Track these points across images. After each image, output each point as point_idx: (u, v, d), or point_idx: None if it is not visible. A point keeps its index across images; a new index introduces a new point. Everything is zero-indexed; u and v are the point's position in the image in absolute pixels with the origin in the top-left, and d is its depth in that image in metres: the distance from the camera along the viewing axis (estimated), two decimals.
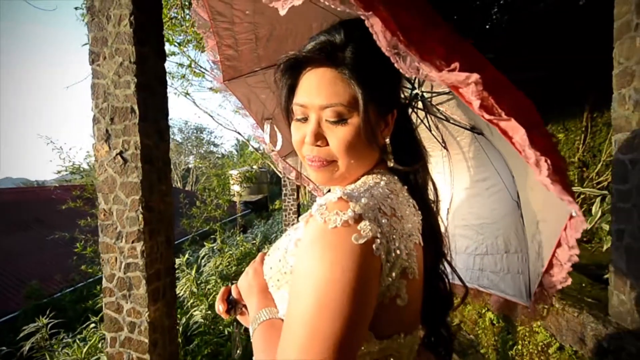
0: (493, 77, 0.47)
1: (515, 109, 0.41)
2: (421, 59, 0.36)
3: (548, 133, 0.47)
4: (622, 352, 1.32)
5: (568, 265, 0.57)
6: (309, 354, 0.42)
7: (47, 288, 5.08)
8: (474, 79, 0.35)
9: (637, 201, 1.33)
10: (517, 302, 0.73)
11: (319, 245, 0.44)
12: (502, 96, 0.41)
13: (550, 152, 0.41)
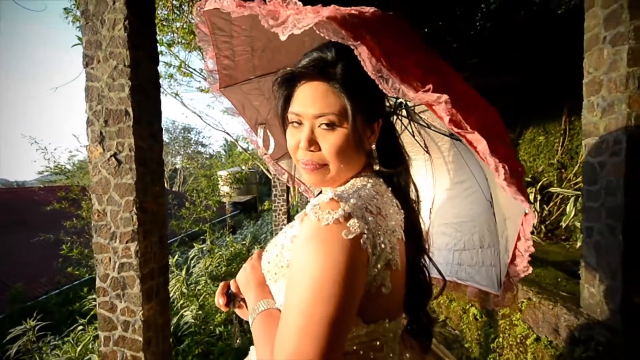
0: (464, 95, 0.54)
1: (481, 123, 0.48)
2: (401, 81, 0.43)
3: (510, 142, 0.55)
4: (592, 341, 1.42)
5: (527, 255, 0.64)
6: (306, 335, 0.48)
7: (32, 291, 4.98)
8: (444, 99, 0.42)
9: (605, 201, 1.44)
10: (489, 292, 0.81)
11: (314, 241, 0.50)
12: (470, 112, 0.48)
13: (510, 159, 0.48)
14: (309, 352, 0.47)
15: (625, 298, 1.35)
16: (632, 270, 1.35)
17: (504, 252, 0.71)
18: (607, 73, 1.40)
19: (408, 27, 0.60)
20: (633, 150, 1.32)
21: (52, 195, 8.10)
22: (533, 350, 1.80)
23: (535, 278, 2.16)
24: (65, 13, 6.26)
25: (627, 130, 1.32)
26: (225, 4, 0.59)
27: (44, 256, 5.70)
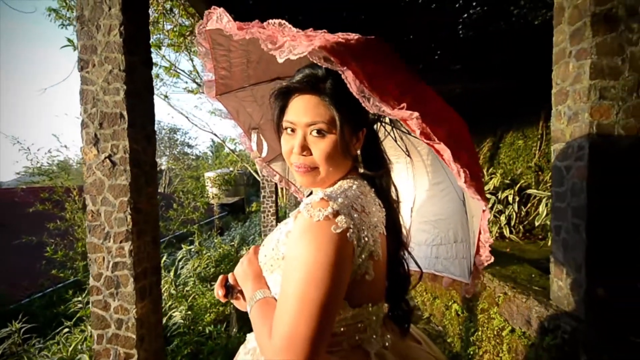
0: (435, 109, 0.64)
1: (448, 134, 0.58)
2: (380, 100, 0.51)
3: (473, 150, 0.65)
4: (559, 330, 1.55)
5: (487, 246, 0.74)
6: (300, 316, 0.56)
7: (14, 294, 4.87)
8: (415, 115, 0.51)
9: (571, 201, 1.57)
10: (462, 281, 0.91)
11: (307, 235, 0.59)
12: (439, 124, 0.57)
13: (471, 164, 0.57)
14: (302, 331, 0.55)
15: (588, 290, 1.48)
16: (594, 265, 1.48)
17: (472, 245, 0.81)
18: (572, 85, 1.54)
19: (389, 49, 0.69)
20: (594, 155, 1.45)
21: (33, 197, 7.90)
22: (508, 341, 1.92)
23: (511, 274, 2.30)
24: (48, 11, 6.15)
25: (589, 137, 1.45)
26: (227, 27, 0.67)
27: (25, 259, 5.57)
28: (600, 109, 1.44)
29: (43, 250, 5.01)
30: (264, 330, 0.64)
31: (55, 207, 5.33)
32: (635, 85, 1.44)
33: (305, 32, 0.62)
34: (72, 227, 5.34)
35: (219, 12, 0.71)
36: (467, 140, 0.66)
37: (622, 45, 1.43)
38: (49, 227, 5.03)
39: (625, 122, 1.44)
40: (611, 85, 1.44)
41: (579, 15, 1.49)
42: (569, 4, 1.55)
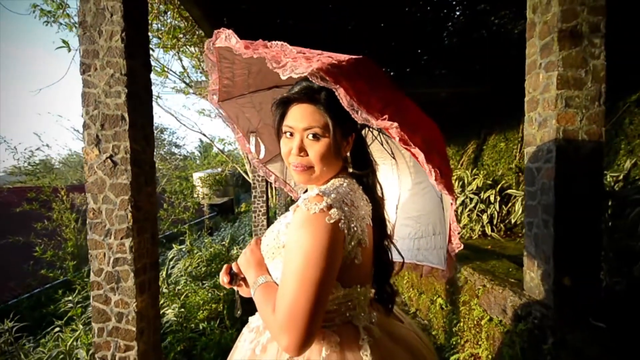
0: (413, 119, 0.76)
1: (423, 140, 0.69)
2: (367, 112, 0.63)
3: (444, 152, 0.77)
4: (530, 316, 1.69)
5: (457, 234, 0.87)
6: (300, 293, 0.67)
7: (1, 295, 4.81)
8: (395, 125, 0.62)
9: (541, 199, 1.73)
10: (439, 268, 1.04)
11: (305, 224, 0.70)
12: (416, 132, 0.69)
13: (442, 165, 0.69)
14: (302, 305, 0.66)
15: (556, 280, 1.63)
16: (561, 257, 1.63)
17: (446, 235, 0.93)
18: (542, 94, 1.69)
19: (375, 67, 0.80)
20: (560, 158, 1.61)
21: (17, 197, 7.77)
22: (487, 329, 2.07)
23: (490, 269, 2.45)
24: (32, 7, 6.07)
25: (556, 141, 1.61)
26: (236, 46, 0.77)
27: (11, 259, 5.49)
28: (566, 116, 1.60)
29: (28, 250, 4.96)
30: (268, 308, 0.74)
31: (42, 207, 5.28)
32: (597, 95, 1.60)
33: (304, 52, 0.73)
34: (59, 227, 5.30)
35: (228, 32, 0.81)
36: (440, 145, 0.79)
37: (586, 59, 1.59)
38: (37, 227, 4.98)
39: (588, 128, 1.60)
40: (576, 95, 1.59)
41: (548, 30, 1.65)
42: (539, 20, 1.70)
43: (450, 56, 4.53)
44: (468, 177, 4.27)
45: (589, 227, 1.63)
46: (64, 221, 5.07)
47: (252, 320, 0.95)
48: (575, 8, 1.58)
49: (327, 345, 0.75)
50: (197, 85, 5.37)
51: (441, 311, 3.01)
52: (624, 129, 3.25)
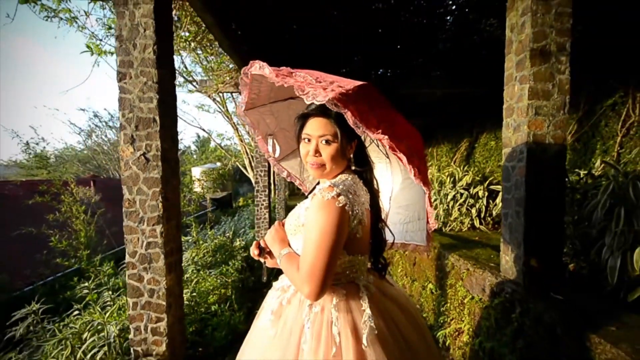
0: (400, 131, 1.02)
1: (406, 147, 0.96)
2: (366, 128, 0.90)
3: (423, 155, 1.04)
4: (503, 292, 1.98)
5: (432, 216, 1.15)
6: (317, 256, 0.94)
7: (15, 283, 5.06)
8: (386, 138, 0.89)
9: (514, 193, 2.01)
10: (422, 245, 1.32)
11: (321, 208, 0.97)
12: (402, 141, 0.96)
13: (420, 165, 0.97)
14: (319, 265, 0.94)
15: (525, 262, 1.92)
16: (530, 242, 1.92)
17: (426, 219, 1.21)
18: (517, 102, 1.96)
19: (375, 90, 1.07)
20: (531, 158, 1.88)
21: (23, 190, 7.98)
22: (469, 306, 2.37)
23: (474, 255, 2.74)
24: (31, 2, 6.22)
25: (527, 144, 1.88)
26: (269, 75, 1.04)
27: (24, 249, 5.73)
28: (536, 123, 1.87)
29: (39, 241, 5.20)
30: (293, 268, 1.02)
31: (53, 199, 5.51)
32: (562, 104, 1.88)
33: (320, 81, 0.99)
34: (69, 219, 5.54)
35: (262, 63, 1.08)
36: (420, 150, 1.06)
37: (553, 74, 1.87)
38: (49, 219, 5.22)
39: (554, 133, 1.88)
40: (544, 105, 1.87)
41: (522, 48, 1.92)
42: (515, 39, 1.97)
43: (444, 59, 4.80)
44: (459, 173, 4.56)
45: (554, 217, 1.91)
46: (73, 213, 5.31)
47: (275, 284, 1.22)
48: (545, 30, 1.85)
49: (336, 296, 1.03)
50: (202, 84, 5.60)
51: (431, 295, 3.31)
52: (600, 130, 3.53)
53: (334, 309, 1.01)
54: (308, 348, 0.96)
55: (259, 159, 5.68)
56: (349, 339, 0.96)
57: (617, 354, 1.21)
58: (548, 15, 1.84)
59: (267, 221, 5.74)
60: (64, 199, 5.58)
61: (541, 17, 1.84)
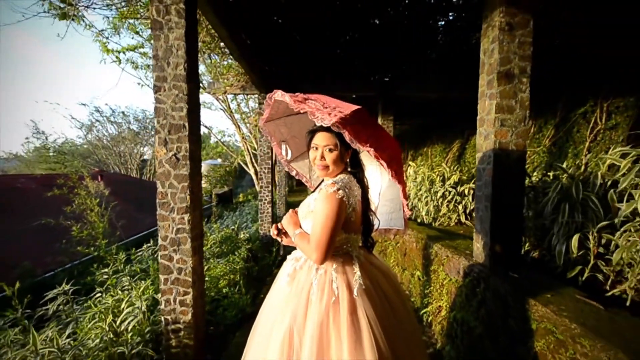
0: (384, 143, 1.41)
1: (388, 155, 1.36)
2: (358, 143, 1.29)
3: (400, 162, 1.44)
4: (472, 273, 2.39)
5: (406, 207, 1.54)
6: (322, 233, 1.34)
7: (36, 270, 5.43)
8: (372, 150, 1.29)
9: (484, 191, 2.40)
10: (401, 229, 1.72)
11: (325, 198, 1.37)
12: (384, 151, 1.35)
13: (398, 169, 1.36)
14: (323, 239, 1.33)
15: (491, 247, 2.32)
16: (495, 232, 2.32)
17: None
18: (487, 115, 2.35)
19: (367, 113, 1.46)
20: (497, 161, 2.28)
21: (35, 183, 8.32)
22: (447, 287, 2.77)
23: (455, 245, 3.14)
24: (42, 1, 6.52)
25: (494, 150, 2.28)
26: (289, 102, 1.42)
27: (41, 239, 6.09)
28: (501, 132, 2.27)
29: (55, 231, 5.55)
30: (304, 242, 1.41)
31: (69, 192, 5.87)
32: (522, 118, 2.27)
33: (326, 107, 1.38)
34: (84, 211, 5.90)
35: (282, 92, 1.46)
36: (398, 157, 1.46)
37: (516, 92, 2.26)
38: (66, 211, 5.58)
39: (516, 141, 2.28)
40: (508, 118, 2.26)
41: (491, 70, 2.31)
42: (487, 61, 2.36)
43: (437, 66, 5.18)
44: (447, 172, 4.95)
45: (515, 211, 2.31)
46: (88, 205, 5.67)
47: (289, 257, 1.62)
48: (509, 56, 2.24)
49: (335, 263, 1.42)
50: (211, 86, 5.96)
51: (418, 281, 3.72)
52: (573, 136, 3.94)
53: (334, 271, 1.41)
54: (315, 298, 1.36)
55: (263, 157, 6.06)
56: (344, 292, 1.36)
57: (545, 312, 1.62)
58: (512, 43, 2.23)
59: (270, 215, 6.13)
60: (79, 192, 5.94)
61: (507, 45, 2.23)
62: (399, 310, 1.49)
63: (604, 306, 1.61)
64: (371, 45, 4.48)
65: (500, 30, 2.22)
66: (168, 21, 2.29)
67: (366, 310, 1.35)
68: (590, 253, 1.92)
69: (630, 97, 3.44)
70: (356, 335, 1.29)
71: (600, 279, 1.91)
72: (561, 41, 4.42)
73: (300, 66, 5.29)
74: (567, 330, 1.46)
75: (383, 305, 1.41)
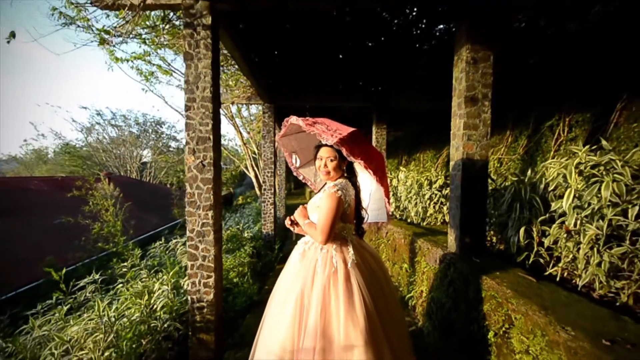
0: (371, 155, 1.93)
1: (374, 165, 1.87)
2: (353, 157, 1.81)
3: (384, 170, 1.96)
4: (446, 259, 2.91)
5: (388, 203, 2.07)
6: (326, 221, 1.88)
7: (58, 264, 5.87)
8: (362, 162, 1.81)
9: (455, 193, 2.93)
10: (385, 222, 2.24)
11: (328, 197, 1.90)
12: (371, 162, 1.87)
13: (382, 176, 1.88)
14: (326, 225, 1.86)
15: (461, 239, 2.85)
16: (464, 226, 2.84)
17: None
18: (457, 131, 2.89)
19: (360, 133, 1.98)
20: (464, 169, 2.81)
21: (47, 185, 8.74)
22: (427, 274, 3.29)
23: (436, 240, 3.66)
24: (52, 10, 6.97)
25: (462, 159, 2.81)
26: (302, 125, 1.94)
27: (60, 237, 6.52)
28: (468, 145, 2.80)
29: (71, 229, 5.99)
30: (312, 229, 1.93)
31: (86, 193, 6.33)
32: (485, 134, 2.81)
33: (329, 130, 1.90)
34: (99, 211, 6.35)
35: (295, 117, 1.98)
36: (382, 167, 1.98)
37: (479, 113, 2.79)
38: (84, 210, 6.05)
39: (480, 153, 2.81)
40: (473, 134, 2.80)
41: (460, 94, 2.84)
42: (457, 87, 2.90)
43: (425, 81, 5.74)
44: (434, 177, 5.49)
45: (479, 209, 2.84)
46: (103, 205, 6.14)
47: (299, 242, 2.13)
48: (474, 84, 2.78)
49: (335, 244, 1.94)
50: None
51: (405, 273, 4.24)
52: (541, 145, 4.49)
53: (334, 250, 1.92)
54: (320, 269, 1.87)
55: (266, 162, 6.57)
56: (341, 265, 1.87)
57: (492, 284, 2.14)
58: (476, 74, 2.77)
59: (272, 215, 6.62)
60: (93, 194, 6.41)
61: (472, 75, 2.77)
62: (381, 281, 2.01)
63: (537, 280, 2.13)
64: (366, 62, 5.03)
65: (467, 63, 2.76)
66: (197, 53, 2.81)
67: (357, 278, 1.86)
68: (534, 241, 2.45)
69: (586, 113, 4.01)
70: (349, 295, 1.80)
71: (542, 262, 2.44)
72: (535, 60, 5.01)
73: (301, 80, 5.82)
74: (504, 295, 1.98)
75: (370, 275, 1.92)
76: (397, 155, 12.43)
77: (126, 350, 2.40)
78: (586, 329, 1.46)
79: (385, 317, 1.89)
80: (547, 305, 1.73)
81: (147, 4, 2.78)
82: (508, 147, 5.32)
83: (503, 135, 5.59)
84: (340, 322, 1.74)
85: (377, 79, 5.92)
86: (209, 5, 2.78)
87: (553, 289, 1.99)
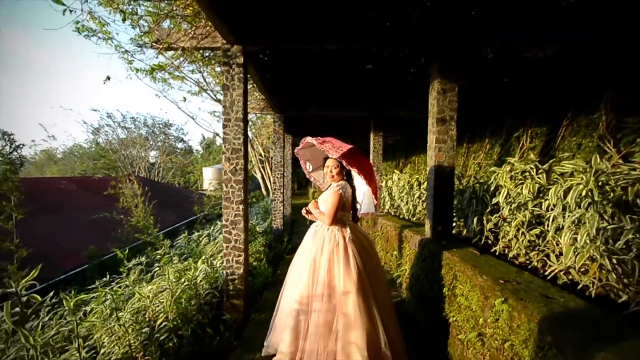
0: (363, 165, 2.79)
1: (365, 172, 2.74)
2: (350, 167, 2.68)
3: (373, 175, 2.82)
4: (422, 243, 3.77)
5: (375, 198, 2.95)
6: (331, 210, 2.77)
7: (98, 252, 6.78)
8: (357, 169, 2.68)
9: (430, 192, 3.79)
10: (374, 212, 3.10)
11: (333, 193, 2.79)
12: (362, 169, 2.74)
13: (371, 179, 2.75)
14: (332, 213, 2.77)
15: (434, 228, 3.71)
16: (436, 218, 3.71)
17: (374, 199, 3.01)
18: (431, 144, 3.76)
19: (357, 149, 2.86)
20: (436, 174, 3.67)
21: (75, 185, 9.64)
22: (410, 256, 4.16)
23: (419, 230, 4.52)
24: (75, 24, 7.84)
25: (435, 166, 3.68)
26: (316, 144, 2.81)
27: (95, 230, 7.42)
28: (439, 155, 3.67)
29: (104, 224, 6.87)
30: (322, 215, 2.82)
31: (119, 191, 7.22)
32: (452, 147, 3.67)
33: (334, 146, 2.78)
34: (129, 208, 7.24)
35: (310, 137, 2.86)
36: (371, 173, 2.86)
37: (447, 130, 3.66)
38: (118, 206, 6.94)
39: (448, 161, 3.67)
40: (443, 146, 3.66)
41: (433, 116, 3.71)
42: (431, 110, 3.77)
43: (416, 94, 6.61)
44: (422, 178, 6.36)
45: (447, 204, 3.70)
46: (134, 202, 7.03)
47: (312, 225, 3.01)
48: (443, 108, 3.64)
49: (337, 226, 2.83)
50: None
51: (395, 260, 5.10)
52: (511, 153, 5.35)
53: (336, 230, 2.80)
54: (327, 242, 2.75)
55: (277, 165, 7.46)
56: (341, 240, 2.74)
57: (450, 257, 3.00)
58: (445, 101, 3.64)
59: (281, 212, 7.50)
60: (124, 192, 7.31)
61: (442, 102, 3.64)
62: (370, 254, 2.88)
63: (481, 254, 3.00)
64: (364, 79, 5.90)
65: (438, 92, 3.63)
66: (232, 84, 3.69)
67: (352, 250, 2.73)
68: (484, 228, 3.31)
69: (543, 127, 4.87)
70: (347, 260, 2.68)
71: (489, 242, 3.30)
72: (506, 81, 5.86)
73: (307, 94, 6.70)
74: (453, 262, 2.85)
75: (361, 248, 2.79)
76: (395, 158, 13.30)
77: (184, 305, 3.28)
78: (495, 277, 2.33)
79: (371, 274, 2.76)
80: (478, 266, 2.59)
81: (196, 47, 3.67)
82: (486, 153, 6.18)
83: (483, 143, 6.45)
84: (340, 277, 2.61)
85: (374, 93, 6.79)
86: (242, 48, 3.66)
87: (488, 258, 2.86)
